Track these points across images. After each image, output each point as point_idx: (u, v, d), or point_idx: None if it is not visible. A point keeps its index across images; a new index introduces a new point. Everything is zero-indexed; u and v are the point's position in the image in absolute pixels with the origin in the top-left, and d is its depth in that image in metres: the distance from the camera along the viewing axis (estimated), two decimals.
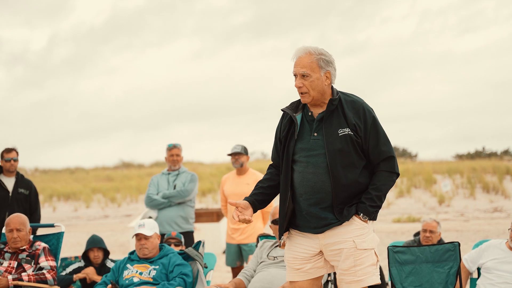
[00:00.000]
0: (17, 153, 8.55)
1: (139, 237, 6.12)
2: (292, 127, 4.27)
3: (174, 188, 8.30)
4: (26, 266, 6.13)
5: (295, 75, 4.19)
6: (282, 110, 4.34)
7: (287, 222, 4.30)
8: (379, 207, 4.22)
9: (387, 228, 18.93)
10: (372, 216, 4.22)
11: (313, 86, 4.17)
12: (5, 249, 6.24)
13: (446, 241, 6.61)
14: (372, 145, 4.19)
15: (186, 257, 6.25)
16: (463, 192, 27.39)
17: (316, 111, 4.25)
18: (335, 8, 58.47)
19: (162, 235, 7.74)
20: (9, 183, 8.47)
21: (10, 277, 5.97)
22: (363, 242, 4.20)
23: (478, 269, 6.17)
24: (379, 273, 4.28)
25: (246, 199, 4.34)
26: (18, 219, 6.26)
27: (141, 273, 5.99)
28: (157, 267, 6.01)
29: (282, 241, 4.37)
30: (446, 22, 56.49)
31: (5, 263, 6.13)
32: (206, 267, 6.43)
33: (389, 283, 6.21)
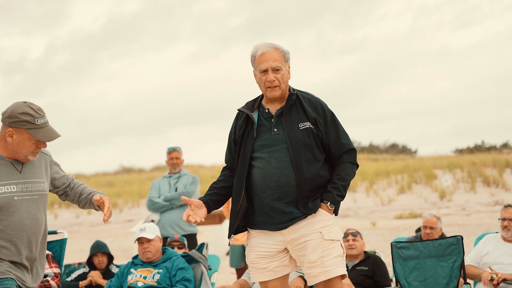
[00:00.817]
0: None
1: (141, 241, 6.12)
2: (249, 125, 4.26)
3: (176, 190, 8.31)
4: None
5: (265, 70, 4.20)
6: (238, 110, 4.33)
7: (239, 222, 4.26)
8: (344, 197, 4.25)
9: (389, 225, 18.94)
10: (337, 206, 4.24)
11: (283, 79, 4.22)
12: None
13: (448, 236, 6.60)
14: (332, 138, 4.25)
15: (190, 259, 6.25)
16: (463, 187, 27.41)
17: (273, 108, 4.27)
18: (332, 7, 58.59)
19: (165, 238, 7.74)
20: None
21: None
22: (329, 232, 4.19)
23: None
24: (345, 265, 4.27)
25: (200, 198, 4.31)
26: None
27: (145, 277, 5.99)
28: (161, 270, 6.01)
29: (231, 240, 4.30)
30: (443, 17, 56.61)
31: None
32: (210, 269, 6.43)
33: (393, 279, 6.21)
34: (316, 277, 4.18)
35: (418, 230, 7.45)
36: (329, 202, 4.19)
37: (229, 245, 4.45)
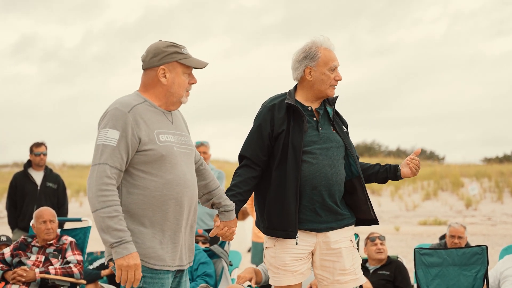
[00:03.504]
0: (46, 147, 8.64)
1: None
2: (293, 119, 4.10)
3: None
4: (53, 260, 6.18)
5: (335, 68, 4.16)
6: (288, 103, 4.10)
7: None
8: None
9: (412, 231, 18.81)
10: None
11: None
12: (32, 243, 6.30)
13: (472, 245, 6.53)
14: None
15: (212, 254, 6.26)
16: (490, 196, 27.13)
17: (314, 106, 4.20)
18: (366, 10, 58.37)
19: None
20: (38, 177, 8.56)
21: (37, 270, 6.03)
22: (354, 241, 4.27)
23: None
24: None
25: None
26: (49, 211, 6.36)
27: None
28: None
29: (297, 239, 4.07)
30: (478, 24, 56.12)
31: (33, 257, 6.19)
32: (231, 265, 6.43)
33: (415, 285, 6.17)
34: (345, 284, 4.16)
35: (442, 237, 7.38)
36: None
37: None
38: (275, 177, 4.10)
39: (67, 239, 6.35)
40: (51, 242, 6.28)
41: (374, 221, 4.26)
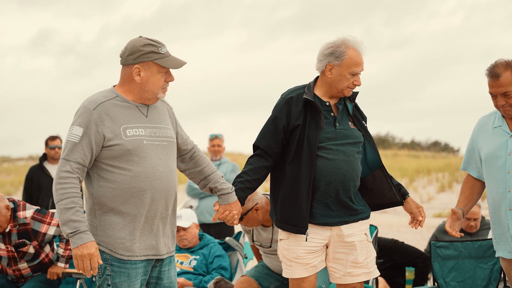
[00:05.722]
0: (61, 141, 8.69)
1: (177, 229, 6.10)
2: (310, 115, 4.08)
3: None
4: (25, 248, 5.51)
5: (357, 73, 4.12)
6: (306, 99, 4.07)
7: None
8: None
9: (428, 223, 18.68)
10: None
11: None
12: None
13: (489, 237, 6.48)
14: None
15: (227, 247, 6.26)
16: None
17: (333, 101, 4.18)
18: (382, 2, 58.21)
19: (203, 224, 7.77)
20: (53, 170, 8.59)
21: (61, 264, 5.67)
22: (369, 234, 4.28)
23: None
24: None
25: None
26: None
27: (181, 263, 6.01)
28: (197, 257, 6.02)
29: (307, 235, 4.08)
30: (494, 16, 55.78)
31: (2, 246, 5.47)
32: (246, 258, 6.44)
33: (431, 278, 6.14)
34: (357, 277, 4.18)
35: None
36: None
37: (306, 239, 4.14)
38: (289, 171, 4.11)
39: (23, 214, 5.45)
40: (7, 229, 5.38)
41: (399, 203, 4.40)
